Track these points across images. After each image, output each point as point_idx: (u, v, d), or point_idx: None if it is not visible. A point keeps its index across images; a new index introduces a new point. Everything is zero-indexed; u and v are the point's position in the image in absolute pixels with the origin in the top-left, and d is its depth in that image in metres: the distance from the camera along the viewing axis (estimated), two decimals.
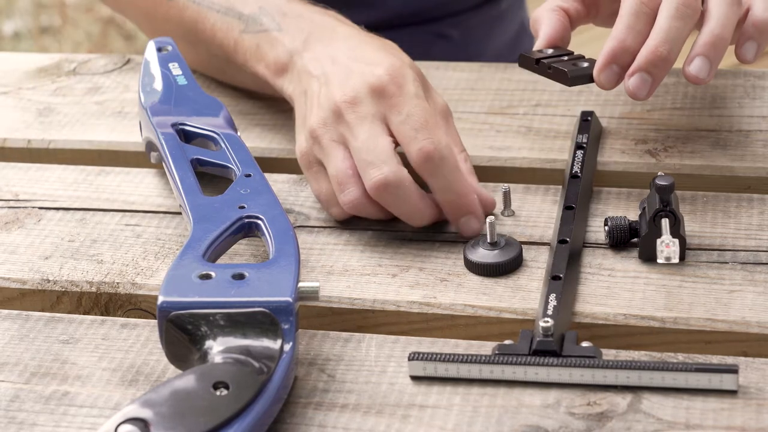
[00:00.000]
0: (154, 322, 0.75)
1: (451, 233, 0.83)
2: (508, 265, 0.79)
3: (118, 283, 0.81)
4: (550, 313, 0.72)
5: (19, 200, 0.91)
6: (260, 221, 0.77)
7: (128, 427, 0.62)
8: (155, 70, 0.94)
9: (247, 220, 0.77)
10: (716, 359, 0.70)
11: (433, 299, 0.77)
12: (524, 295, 0.77)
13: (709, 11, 0.85)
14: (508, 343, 0.71)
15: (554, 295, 0.73)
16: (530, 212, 0.85)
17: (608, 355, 0.71)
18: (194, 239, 0.75)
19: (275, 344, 0.67)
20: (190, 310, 0.69)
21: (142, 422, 0.62)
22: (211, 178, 0.86)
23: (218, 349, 0.67)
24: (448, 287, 0.78)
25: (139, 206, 0.89)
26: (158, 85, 0.92)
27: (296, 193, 0.89)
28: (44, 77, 1.09)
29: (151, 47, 0.95)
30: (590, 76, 0.87)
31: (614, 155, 0.91)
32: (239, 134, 0.88)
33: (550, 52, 0.91)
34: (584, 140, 0.90)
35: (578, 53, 0.91)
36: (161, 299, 0.69)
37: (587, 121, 0.92)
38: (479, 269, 0.79)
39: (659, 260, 0.76)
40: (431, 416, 0.68)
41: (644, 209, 0.79)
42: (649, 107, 0.96)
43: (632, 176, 0.89)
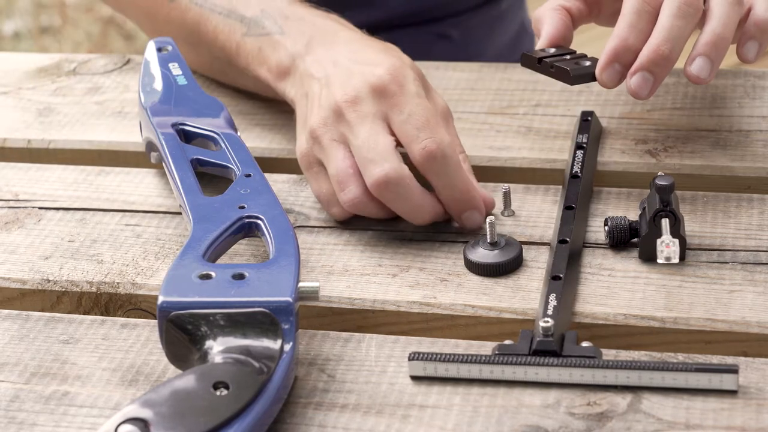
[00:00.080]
0: (154, 322, 0.75)
1: (451, 233, 0.83)
2: (508, 265, 0.79)
3: (118, 283, 0.81)
4: (550, 313, 0.72)
5: (19, 200, 0.91)
6: (260, 221, 0.77)
7: (128, 427, 0.62)
8: (155, 70, 0.94)
9: (247, 220, 0.77)
10: (716, 359, 0.70)
11: (433, 299, 0.77)
12: (524, 295, 0.77)
13: (710, 10, 0.85)
14: (508, 343, 0.71)
15: (554, 295, 0.73)
16: (530, 212, 0.85)
17: (608, 355, 0.71)
18: (194, 239, 0.75)
19: (275, 344, 0.67)
20: (190, 310, 0.69)
21: (142, 422, 0.62)
22: (211, 178, 0.86)
23: (218, 349, 0.67)
24: (448, 287, 0.78)
25: (139, 206, 0.89)
26: (158, 85, 0.92)
27: (296, 193, 0.89)
28: (44, 77, 1.09)
29: (151, 47, 0.95)
30: (592, 74, 0.87)
31: (614, 155, 0.91)
32: (239, 134, 0.88)
33: (552, 51, 0.91)
34: (584, 140, 0.90)
35: (580, 52, 0.91)
36: (161, 299, 0.69)
37: (587, 121, 0.92)
38: (479, 269, 0.79)
39: (659, 260, 0.76)
40: (431, 416, 0.68)
41: (644, 209, 0.79)
42: (649, 107, 0.96)
43: (632, 176, 0.89)
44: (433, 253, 0.82)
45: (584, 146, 0.89)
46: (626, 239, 0.80)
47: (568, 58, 0.90)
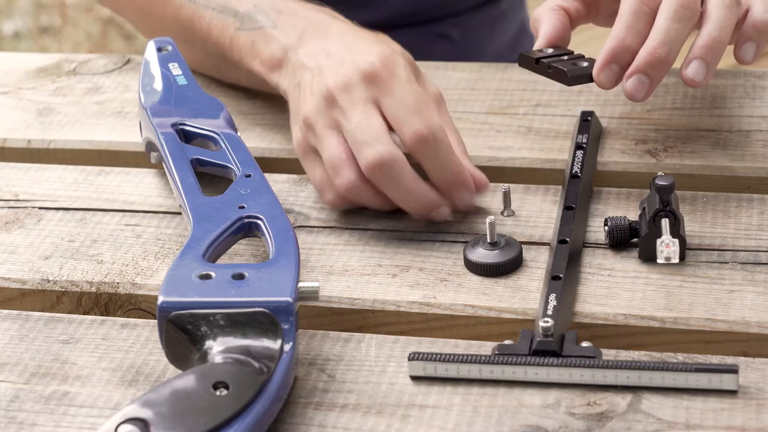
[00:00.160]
0: (154, 322, 0.75)
1: (451, 233, 0.83)
2: (508, 265, 0.79)
3: (118, 283, 0.81)
4: (550, 313, 0.72)
5: (19, 200, 0.91)
6: (260, 221, 0.77)
7: (128, 427, 0.62)
8: (155, 70, 0.94)
9: (247, 220, 0.77)
10: (716, 359, 0.70)
11: (433, 299, 0.77)
12: (524, 295, 0.77)
13: (707, 13, 0.85)
14: (508, 343, 0.71)
15: (554, 295, 0.73)
16: (530, 212, 0.85)
17: (608, 355, 0.71)
18: (194, 239, 0.75)
19: (275, 344, 0.67)
20: (190, 310, 0.69)
21: (142, 422, 0.62)
22: (211, 178, 0.86)
23: (218, 349, 0.67)
24: (448, 287, 0.78)
25: (139, 206, 0.89)
26: (158, 85, 0.92)
27: (296, 193, 0.89)
28: (44, 77, 1.09)
29: (151, 47, 0.96)
30: (590, 75, 0.87)
31: (614, 155, 0.91)
32: (239, 134, 0.88)
33: (550, 51, 0.91)
34: (584, 140, 0.90)
35: (578, 53, 0.91)
36: (161, 299, 0.69)
37: (587, 121, 0.92)
38: (479, 269, 0.79)
39: (659, 260, 0.76)
40: (431, 416, 0.68)
41: (644, 209, 0.79)
42: (649, 107, 0.96)
43: (632, 176, 0.89)
44: (433, 253, 0.82)
45: (584, 146, 0.89)
46: (626, 239, 0.80)
47: (565, 58, 0.90)
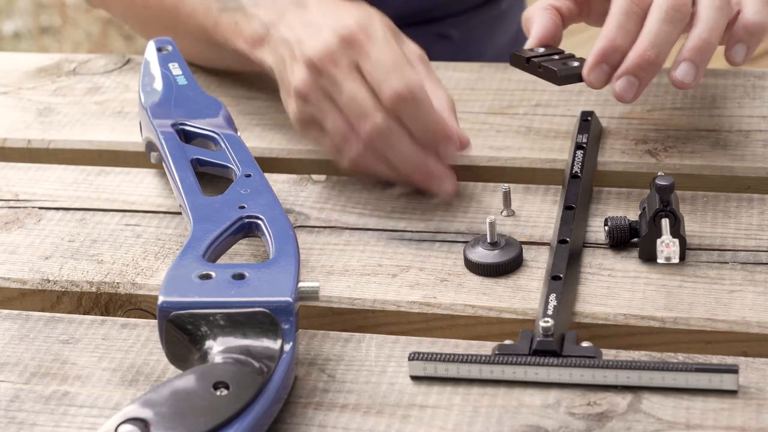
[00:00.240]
0: (154, 322, 0.75)
1: (450, 233, 0.83)
2: (508, 265, 0.79)
3: (118, 283, 0.81)
4: (550, 313, 0.72)
5: (19, 200, 0.91)
6: (260, 221, 0.77)
7: (128, 427, 0.62)
8: (155, 70, 0.94)
9: (247, 220, 0.77)
10: (716, 359, 0.70)
11: (433, 299, 0.77)
12: (524, 295, 0.77)
13: (698, 14, 0.85)
14: (508, 343, 0.71)
15: (554, 295, 0.73)
16: (530, 212, 0.85)
17: (608, 355, 0.71)
18: (194, 239, 0.75)
19: (275, 344, 0.67)
20: (190, 310, 0.69)
21: (142, 422, 0.62)
22: (211, 178, 0.86)
23: (218, 349, 0.67)
24: (448, 287, 0.78)
25: (139, 206, 0.89)
26: (158, 85, 0.92)
27: (296, 193, 0.89)
28: (44, 77, 1.09)
29: (151, 47, 0.96)
30: (580, 75, 0.87)
31: (614, 155, 0.91)
32: (239, 134, 0.88)
33: (541, 51, 0.91)
34: (584, 140, 0.90)
35: (569, 52, 0.91)
36: (161, 299, 0.69)
37: (587, 121, 0.92)
38: (479, 269, 0.79)
39: (659, 260, 0.76)
40: (431, 416, 0.68)
41: (644, 209, 0.79)
42: (649, 107, 0.96)
43: (632, 176, 0.89)
44: (433, 253, 0.82)
45: (584, 146, 0.89)
46: (626, 239, 0.80)
47: (556, 58, 0.90)
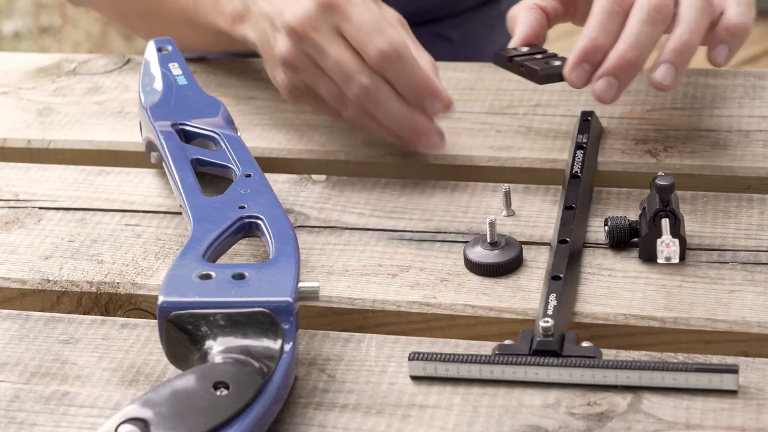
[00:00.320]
0: (154, 322, 0.75)
1: (450, 233, 0.83)
2: (508, 265, 0.79)
3: (118, 283, 0.81)
4: (550, 313, 0.72)
5: (19, 200, 0.91)
6: (260, 221, 0.77)
7: (128, 427, 0.62)
8: (155, 70, 0.94)
9: (247, 220, 0.77)
10: (716, 359, 0.70)
11: (433, 299, 0.77)
12: (524, 295, 0.77)
13: (679, 16, 0.85)
14: (508, 343, 0.71)
15: (554, 295, 0.73)
16: (530, 212, 0.85)
17: (608, 355, 0.71)
18: (194, 239, 0.75)
19: (275, 344, 0.67)
20: (190, 310, 0.69)
21: (142, 422, 0.62)
22: (211, 178, 0.86)
23: (218, 349, 0.67)
24: (448, 287, 0.78)
25: (139, 206, 0.89)
26: (158, 85, 0.92)
27: (296, 193, 0.89)
28: (44, 77, 1.09)
29: (151, 47, 0.96)
30: (561, 74, 0.87)
31: (614, 155, 0.91)
32: (239, 134, 0.88)
33: (524, 50, 0.91)
34: (584, 140, 0.90)
35: (552, 51, 0.91)
36: (161, 299, 0.69)
37: (587, 121, 0.92)
38: (479, 269, 0.79)
39: (659, 260, 0.76)
40: (431, 416, 0.68)
41: (644, 209, 0.79)
42: (649, 107, 0.96)
43: (632, 176, 0.89)
44: (433, 253, 0.82)
45: (584, 146, 0.89)
46: (626, 239, 0.80)
47: (539, 57, 0.90)
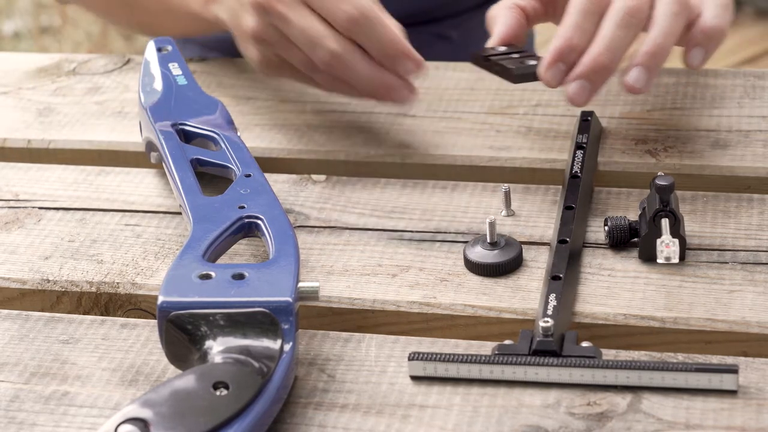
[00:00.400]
0: (154, 322, 0.75)
1: (450, 233, 0.83)
2: (508, 265, 0.79)
3: (118, 283, 0.81)
4: (550, 313, 0.72)
5: (19, 200, 0.91)
6: (260, 221, 0.77)
7: (128, 427, 0.62)
8: (155, 70, 0.94)
9: (247, 220, 0.77)
10: (716, 359, 0.70)
11: (433, 299, 0.77)
12: (524, 295, 0.77)
13: (654, 19, 0.85)
14: (508, 343, 0.71)
15: (554, 295, 0.73)
16: (530, 212, 0.85)
17: (608, 355, 0.71)
18: (194, 239, 0.75)
19: (275, 344, 0.67)
20: (190, 310, 0.69)
21: (142, 422, 0.62)
22: (211, 178, 0.86)
23: (218, 349, 0.67)
24: (448, 287, 0.78)
25: (139, 206, 0.89)
26: (158, 85, 0.92)
27: (296, 193, 0.89)
28: (44, 77, 1.09)
29: (150, 47, 0.96)
30: (535, 73, 0.87)
31: (614, 155, 0.91)
32: (239, 134, 0.88)
33: (502, 49, 0.91)
34: (584, 140, 0.90)
35: (529, 51, 0.91)
36: (161, 299, 0.69)
37: (587, 121, 0.92)
38: (479, 269, 0.79)
39: (659, 260, 0.76)
40: (431, 416, 0.68)
41: (644, 209, 0.79)
42: (649, 107, 0.96)
43: (632, 176, 0.89)
44: (433, 253, 0.82)
45: (584, 146, 0.89)
46: (626, 239, 0.80)
47: (516, 56, 0.90)
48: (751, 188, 0.87)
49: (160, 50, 0.95)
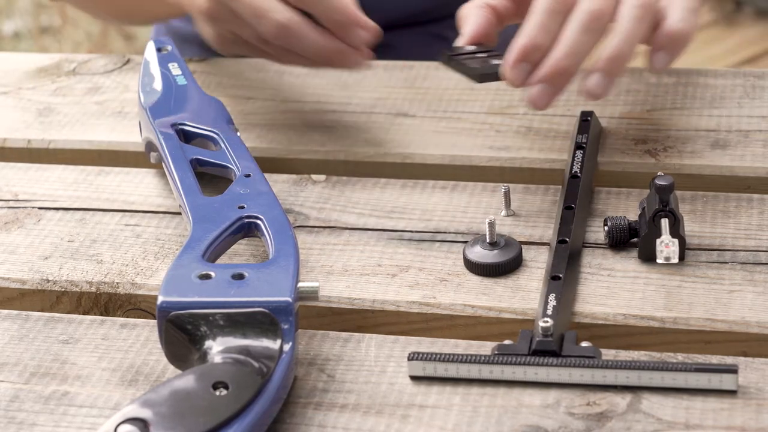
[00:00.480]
0: (153, 322, 0.75)
1: (450, 233, 0.83)
2: (507, 265, 0.79)
3: (117, 283, 0.81)
4: (549, 313, 0.72)
5: (19, 200, 0.91)
6: (260, 221, 0.77)
7: (128, 427, 0.62)
8: (155, 70, 0.94)
9: (246, 220, 0.78)
10: (716, 359, 0.70)
11: (432, 299, 0.77)
12: (524, 295, 0.77)
13: (617, 24, 0.85)
14: (507, 343, 0.71)
15: (554, 295, 0.73)
16: (530, 212, 0.85)
17: (608, 355, 0.71)
18: (194, 239, 0.75)
19: (275, 344, 0.67)
20: (189, 310, 0.69)
21: (141, 422, 0.62)
22: (211, 178, 0.86)
23: (218, 349, 0.67)
24: (447, 287, 0.78)
25: (139, 206, 0.89)
26: (158, 85, 0.92)
27: (296, 193, 0.89)
28: (44, 77, 1.09)
29: (150, 47, 0.96)
30: (498, 73, 0.86)
31: (614, 155, 0.91)
32: (239, 134, 0.88)
33: (470, 49, 0.90)
34: (584, 140, 0.90)
35: (498, 51, 0.90)
36: (161, 299, 0.69)
37: (587, 121, 0.92)
38: (479, 269, 0.79)
39: (659, 260, 0.76)
40: (431, 416, 0.68)
41: (644, 209, 0.79)
42: (649, 107, 0.96)
43: (632, 176, 0.89)
44: (432, 253, 0.82)
45: (584, 146, 0.89)
46: (626, 239, 0.80)
47: (483, 56, 0.89)
48: (750, 188, 0.87)
49: (159, 50, 0.95)
